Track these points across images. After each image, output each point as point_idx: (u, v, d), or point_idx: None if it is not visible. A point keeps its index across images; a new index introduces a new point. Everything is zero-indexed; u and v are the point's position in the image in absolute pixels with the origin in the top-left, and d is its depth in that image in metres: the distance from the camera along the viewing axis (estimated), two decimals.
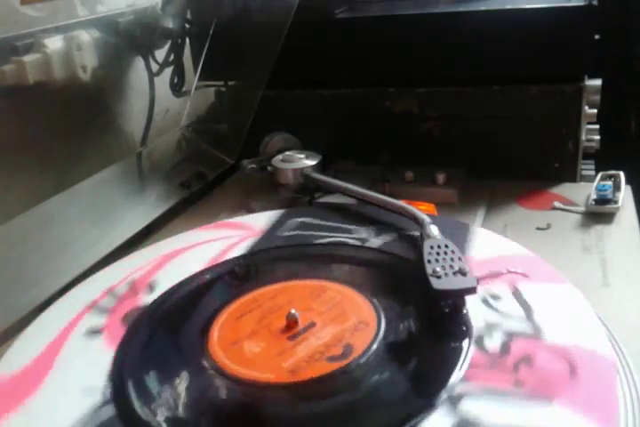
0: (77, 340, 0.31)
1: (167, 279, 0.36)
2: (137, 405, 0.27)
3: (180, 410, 0.26)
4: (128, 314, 0.33)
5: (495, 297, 0.31)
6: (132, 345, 0.31)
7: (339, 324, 0.30)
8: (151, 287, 0.35)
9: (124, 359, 0.30)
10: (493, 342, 0.27)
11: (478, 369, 0.26)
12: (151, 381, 0.28)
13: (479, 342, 0.28)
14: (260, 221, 0.42)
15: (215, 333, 0.31)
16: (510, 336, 0.28)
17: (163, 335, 0.32)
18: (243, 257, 0.38)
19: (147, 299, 0.34)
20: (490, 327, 0.28)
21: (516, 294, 0.31)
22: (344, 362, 0.27)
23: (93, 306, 0.34)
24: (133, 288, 0.35)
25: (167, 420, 0.26)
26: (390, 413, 0.25)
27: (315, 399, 0.27)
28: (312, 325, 0.30)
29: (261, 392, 0.27)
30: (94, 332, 0.32)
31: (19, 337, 0.32)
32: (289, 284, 0.34)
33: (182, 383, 0.28)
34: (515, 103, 0.51)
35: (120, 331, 0.32)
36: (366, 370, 0.27)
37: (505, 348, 0.27)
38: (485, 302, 0.30)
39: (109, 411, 0.26)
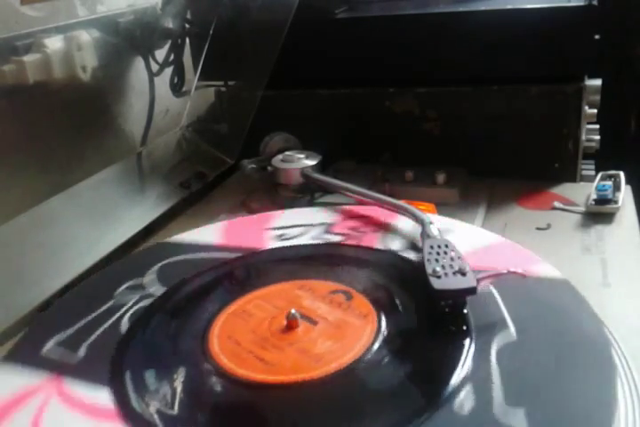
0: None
1: None
2: (135, 402, 0.27)
3: (178, 408, 0.26)
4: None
5: None
6: (132, 344, 0.31)
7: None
8: None
9: (125, 359, 0.30)
10: None
11: None
12: (150, 378, 0.28)
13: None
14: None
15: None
16: None
17: (163, 335, 0.32)
18: (243, 257, 0.38)
19: None
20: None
21: None
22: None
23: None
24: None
25: (164, 417, 0.26)
26: (390, 413, 0.25)
27: (312, 400, 0.27)
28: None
29: (260, 392, 0.27)
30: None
31: None
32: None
33: (181, 382, 0.28)
34: (515, 103, 0.51)
35: None
36: (366, 371, 0.27)
37: None
38: None
39: None
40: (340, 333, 0.30)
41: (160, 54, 0.56)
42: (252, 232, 0.41)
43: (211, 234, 0.41)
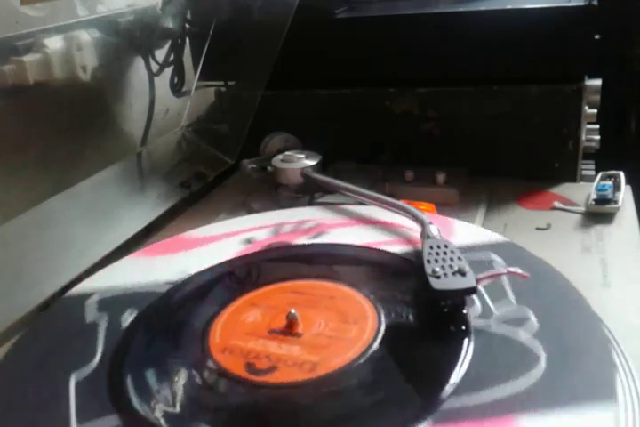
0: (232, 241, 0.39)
1: (334, 237, 0.39)
2: (135, 401, 0.27)
3: (178, 408, 0.26)
4: (272, 244, 0.39)
5: None
6: (132, 344, 0.31)
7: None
8: (317, 235, 0.40)
9: (125, 358, 0.30)
10: None
11: None
12: (151, 378, 0.28)
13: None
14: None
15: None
16: None
17: (163, 334, 0.32)
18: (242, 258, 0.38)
19: (302, 240, 0.39)
20: None
21: None
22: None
23: (274, 226, 0.41)
24: (311, 229, 0.40)
25: (165, 416, 0.26)
26: (390, 413, 0.25)
27: (311, 400, 0.27)
28: (311, 325, 0.30)
29: (260, 392, 0.27)
30: (248, 242, 0.39)
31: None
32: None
33: (181, 382, 0.28)
34: (515, 103, 0.51)
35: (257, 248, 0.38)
36: (365, 371, 0.27)
37: None
38: None
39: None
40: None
41: (160, 54, 0.56)
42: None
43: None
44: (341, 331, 0.30)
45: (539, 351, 0.27)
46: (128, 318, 0.33)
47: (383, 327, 0.30)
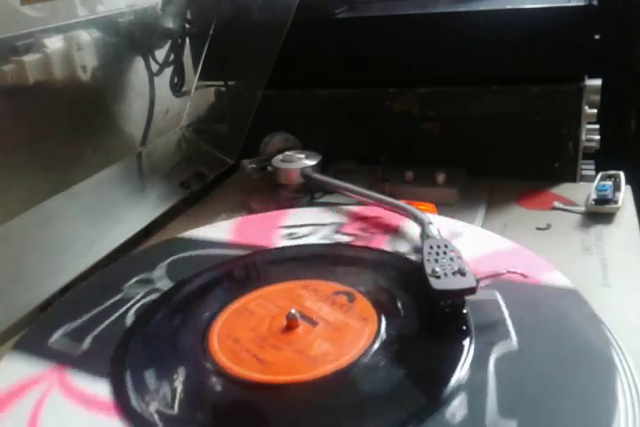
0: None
1: None
2: (134, 398, 0.27)
3: (176, 406, 0.26)
4: None
5: None
6: (134, 340, 0.31)
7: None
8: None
9: (126, 354, 0.30)
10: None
11: None
12: (150, 376, 0.28)
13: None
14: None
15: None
16: None
17: (163, 334, 0.32)
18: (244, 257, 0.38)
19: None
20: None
21: None
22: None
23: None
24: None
25: (162, 415, 0.26)
26: (390, 414, 0.25)
27: (306, 401, 0.27)
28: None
29: (255, 392, 0.27)
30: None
31: None
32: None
33: (180, 380, 0.28)
34: (515, 103, 0.51)
35: None
36: (361, 374, 0.27)
37: None
38: None
39: None
40: (338, 335, 0.30)
41: (160, 54, 0.56)
42: (263, 230, 0.41)
43: (223, 230, 0.42)
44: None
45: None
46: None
47: (383, 330, 0.30)
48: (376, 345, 0.29)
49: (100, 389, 0.27)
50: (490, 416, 0.24)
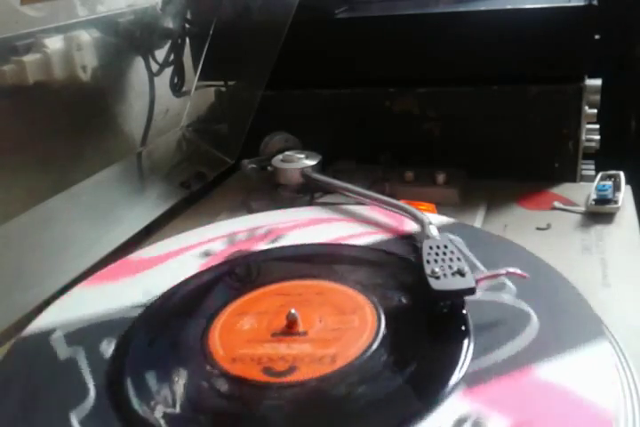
0: (189, 256, 0.37)
1: (293, 239, 0.39)
2: (135, 402, 0.27)
3: (178, 408, 0.26)
4: (235, 252, 0.38)
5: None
6: (132, 344, 0.31)
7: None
8: (276, 239, 0.39)
9: (125, 358, 0.30)
10: None
11: None
12: (151, 379, 0.28)
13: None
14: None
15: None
16: None
17: (164, 334, 0.32)
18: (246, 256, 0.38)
19: (262, 246, 0.38)
20: None
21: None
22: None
23: (227, 237, 0.39)
24: (266, 234, 0.40)
25: (165, 417, 0.26)
26: (389, 414, 0.25)
27: (312, 399, 0.27)
28: (311, 325, 0.30)
29: (262, 393, 0.27)
30: (206, 255, 0.38)
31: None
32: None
33: (181, 382, 0.28)
34: (515, 103, 0.51)
35: (220, 260, 0.37)
36: (365, 371, 0.27)
37: None
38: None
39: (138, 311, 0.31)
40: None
41: (160, 54, 0.56)
42: None
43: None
44: (340, 332, 0.30)
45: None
46: (108, 348, 0.30)
47: (382, 328, 0.30)
48: (376, 344, 0.29)
49: None
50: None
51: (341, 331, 0.30)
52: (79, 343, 0.31)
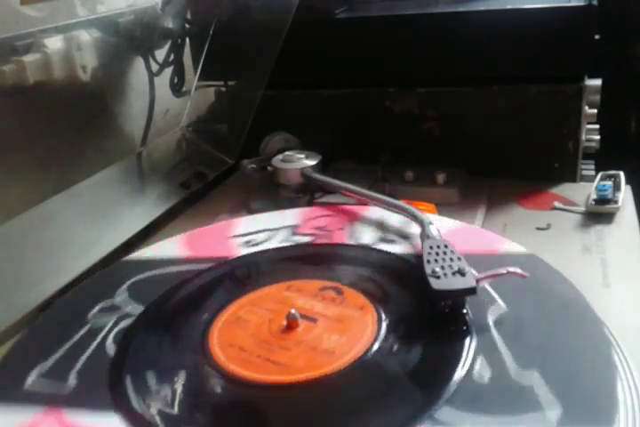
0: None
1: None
2: (135, 402, 0.27)
3: (178, 408, 0.26)
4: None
5: None
6: (133, 344, 0.31)
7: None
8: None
9: (125, 358, 0.30)
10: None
11: None
12: (151, 379, 0.28)
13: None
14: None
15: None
16: None
17: (164, 334, 0.32)
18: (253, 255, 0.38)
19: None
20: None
21: None
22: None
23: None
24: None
25: (164, 417, 0.26)
26: (388, 414, 0.25)
27: (334, 395, 0.27)
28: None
29: (280, 394, 0.27)
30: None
31: None
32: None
33: (181, 382, 0.28)
34: (515, 103, 0.51)
35: None
36: (381, 359, 0.28)
37: None
38: None
39: None
40: (342, 326, 0.30)
41: (160, 54, 0.56)
42: (217, 242, 0.40)
43: (173, 247, 0.40)
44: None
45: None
46: None
47: (383, 329, 0.30)
48: (383, 329, 0.29)
49: (110, 421, 0.26)
50: None
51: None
52: None
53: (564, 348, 0.27)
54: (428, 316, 0.31)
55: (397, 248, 0.37)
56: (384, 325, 0.30)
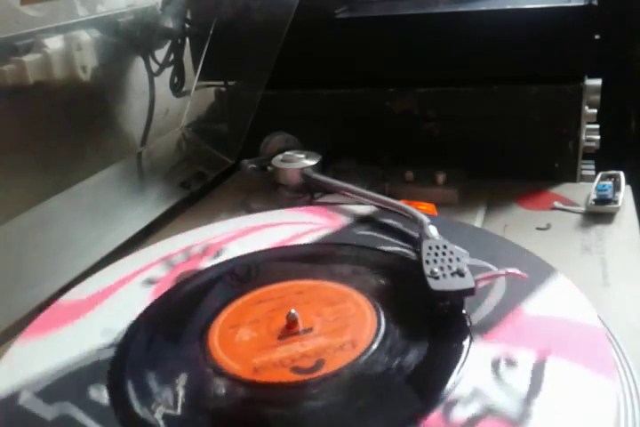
0: (132, 286, 0.35)
1: (235, 250, 0.38)
2: (135, 400, 0.27)
3: (178, 408, 0.26)
4: (183, 273, 0.36)
5: (510, 363, 0.26)
6: (133, 344, 0.31)
7: (336, 326, 0.30)
8: (217, 254, 0.38)
9: (125, 359, 0.30)
10: (463, 413, 0.24)
11: None
12: (151, 379, 0.28)
13: (448, 408, 0.24)
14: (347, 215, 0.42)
15: (216, 330, 0.31)
16: (485, 413, 0.24)
17: (164, 334, 0.32)
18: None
19: (207, 263, 0.37)
20: (473, 395, 0.25)
21: (537, 368, 0.26)
22: (355, 354, 0.28)
23: (163, 260, 0.37)
24: (204, 251, 0.38)
25: (164, 417, 0.26)
26: (386, 415, 0.25)
27: (333, 394, 0.26)
28: (312, 323, 0.30)
29: (259, 392, 0.27)
30: (150, 282, 0.35)
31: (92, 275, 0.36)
32: (280, 285, 0.34)
33: (181, 382, 0.28)
34: (515, 103, 0.51)
35: (169, 285, 0.35)
36: (379, 360, 0.28)
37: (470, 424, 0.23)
38: (495, 365, 0.26)
39: (110, 353, 0.30)
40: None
41: (160, 54, 0.56)
42: None
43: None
44: (340, 311, 0.30)
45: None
46: (100, 395, 0.27)
47: (382, 329, 0.30)
48: (382, 330, 0.29)
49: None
50: None
51: (343, 319, 0.30)
52: (61, 398, 0.27)
53: None
54: (427, 316, 0.31)
55: (397, 248, 0.37)
56: (383, 325, 0.30)
